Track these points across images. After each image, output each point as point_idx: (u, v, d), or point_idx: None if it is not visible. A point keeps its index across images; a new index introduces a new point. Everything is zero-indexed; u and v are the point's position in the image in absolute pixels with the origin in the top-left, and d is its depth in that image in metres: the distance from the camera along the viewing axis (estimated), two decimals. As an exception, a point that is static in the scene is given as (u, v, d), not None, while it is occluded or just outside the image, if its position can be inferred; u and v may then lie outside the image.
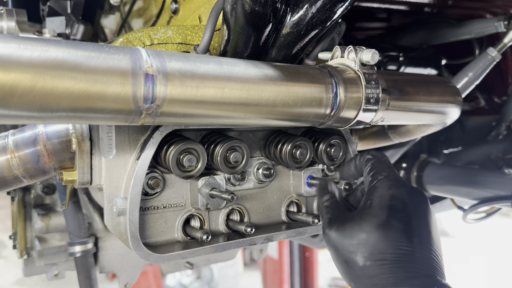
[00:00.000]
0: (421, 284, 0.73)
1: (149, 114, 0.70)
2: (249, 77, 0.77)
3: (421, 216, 0.84)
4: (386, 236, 0.79)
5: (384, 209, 0.83)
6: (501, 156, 1.70)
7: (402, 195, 0.85)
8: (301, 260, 4.09)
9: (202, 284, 5.23)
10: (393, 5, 1.49)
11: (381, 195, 0.85)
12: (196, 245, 0.94)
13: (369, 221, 0.82)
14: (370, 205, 0.85)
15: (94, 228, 1.52)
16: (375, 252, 0.78)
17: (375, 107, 0.90)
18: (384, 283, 0.75)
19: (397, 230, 0.79)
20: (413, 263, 0.76)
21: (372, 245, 0.79)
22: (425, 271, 0.76)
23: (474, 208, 1.49)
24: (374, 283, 0.76)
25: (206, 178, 0.96)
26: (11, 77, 0.56)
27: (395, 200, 0.84)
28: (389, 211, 0.82)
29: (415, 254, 0.77)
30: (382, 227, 0.80)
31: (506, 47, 1.34)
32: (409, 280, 0.74)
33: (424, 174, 1.69)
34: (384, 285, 0.75)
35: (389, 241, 0.78)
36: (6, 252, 5.67)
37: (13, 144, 0.87)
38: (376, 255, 0.78)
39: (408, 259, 0.77)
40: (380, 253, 0.78)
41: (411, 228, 0.81)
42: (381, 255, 0.77)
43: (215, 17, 0.87)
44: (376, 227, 0.80)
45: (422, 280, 0.74)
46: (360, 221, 0.83)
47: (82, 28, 1.55)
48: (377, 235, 0.79)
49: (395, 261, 0.77)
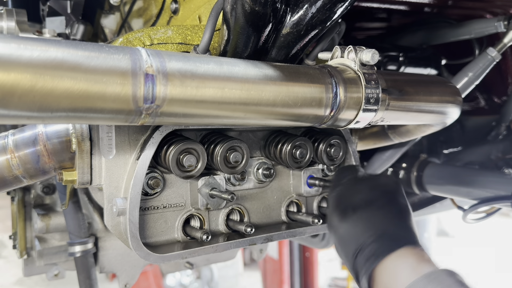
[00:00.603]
0: (416, 240, 0.87)
1: (149, 114, 0.70)
2: (249, 77, 0.77)
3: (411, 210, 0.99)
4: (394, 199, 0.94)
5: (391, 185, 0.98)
6: (501, 156, 1.69)
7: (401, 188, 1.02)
8: (301, 260, 4.09)
9: (202, 284, 5.23)
10: (393, 5, 1.49)
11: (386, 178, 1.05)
12: (196, 245, 0.94)
13: (381, 183, 0.97)
14: (379, 177, 1.04)
15: (94, 228, 1.52)
16: (384, 206, 0.92)
17: (375, 107, 0.90)
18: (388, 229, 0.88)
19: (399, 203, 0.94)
20: (409, 225, 0.90)
21: (383, 200, 0.92)
22: (415, 234, 0.89)
23: (474, 208, 1.49)
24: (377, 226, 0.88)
25: (206, 178, 0.96)
26: (11, 77, 0.56)
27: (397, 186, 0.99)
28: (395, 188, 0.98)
29: (409, 220, 0.91)
30: (391, 192, 0.96)
31: (506, 47, 1.34)
32: (407, 233, 0.88)
33: (424, 174, 1.69)
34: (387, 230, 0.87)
35: (395, 205, 0.93)
36: (6, 252, 5.68)
37: (13, 144, 0.87)
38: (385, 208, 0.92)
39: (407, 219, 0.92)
40: (387, 209, 0.92)
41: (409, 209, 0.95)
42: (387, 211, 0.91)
43: (215, 17, 0.87)
44: (386, 191, 0.96)
45: (415, 238, 0.87)
46: (373, 180, 1.00)
47: (82, 28, 1.55)
48: (387, 195, 0.94)
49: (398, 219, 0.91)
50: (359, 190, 0.95)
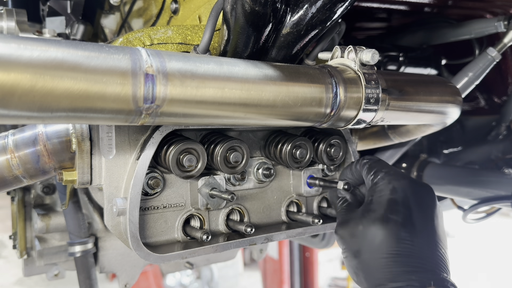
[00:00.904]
0: (418, 279, 0.73)
1: (149, 114, 0.70)
2: (249, 77, 0.77)
3: (424, 209, 0.83)
4: (384, 230, 0.79)
5: (382, 204, 0.83)
6: (501, 156, 1.69)
7: (403, 187, 0.84)
8: (301, 260, 4.09)
9: (202, 284, 5.24)
10: (393, 5, 1.49)
11: (381, 190, 0.86)
12: (196, 245, 0.94)
13: (368, 217, 0.82)
14: (370, 201, 0.86)
15: (94, 228, 1.52)
16: (373, 246, 0.78)
17: (375, 107, 0.90)
18: (381, 277, 0.75)
19: (395, 224, 0.79)
20: (411, 257, 0.76)
21: (370, 239, 0.79)
22: (425, 265, 0.76)
23: (474, 208, 1.49)
24: (372, 277, 0.77)
25: (206, 178, 0.96)
26: (11, 77, 0.56)
27: (395, 193, 0.84)
28: (387, 205, 0.82)
29: (414, 248, 0.77)
30: (379, 221, 0.80)
31: (506, 47, 1.34)
32: (406, 275, 0.74)
33: (424, 174, 1.69)
34: (381, 280, 0.75)
35: (387, 235, 0.78)
36: (6, 252, 5.68)
37: (13, 144, 0.87)
38: (374, 249, 0.78)
39: (407, 253, 0.76)
40: (377, 248, 0.78)
41: (411, 221, 0.80)
42: (378, 250, 0.78)
43: (215, 17, 0.87)
44: (373, 222, 0.81)
45: (419, 274, 0.74)
46: (361, 217, 0.84)
47: (82, 28, 1.55)
48: (374, 229, 0.80)
49: (392, 255, 0.76)
50: (353, 233, 0.84)
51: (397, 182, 0.86)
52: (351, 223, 0.85)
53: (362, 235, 0.81)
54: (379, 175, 0.90)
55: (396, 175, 0.88)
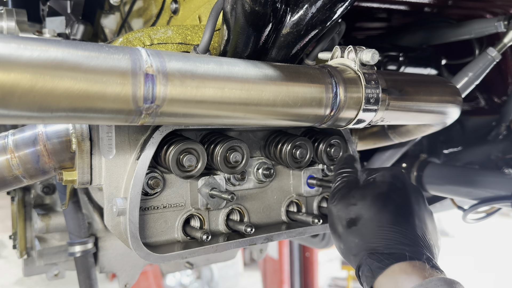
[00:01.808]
0: (411, 251, 0.80)
1: (149, 114, 0.70)
2: (249, 77, 0.77)
3: (419, 200, 0.92)
4: (385, 204, 0.87)
5: (385, 184, 0.91)
6: (501, 156, 1.69)
7: (402, 178, 0.93)
8: (301, 260, 4.09)
9: (202, 284, 5.24)
10: (393, 5, 1.49)
11: (383, 174, 0.94)
12: (196, 245, 0.94)
13: (371, 190, 0.89)
14: (373, 180, 0.93)
15: (94, 228, 1.52)
16: (372, 216, 0.86)
17: (375, 107, 0.90)
18: (376, 244, 0.83)
19: (395, 202, 0.87)
20: (405, 234, 0.83)
21: (370, 209, 0.86)
22: (417, 242, 0.82)
23: (474, 208, 1.49)
24: (366, 242, 0.84)
25: (206, 178, 0.96)
26: (11, 77, 0.56)
27: (395, 179, 0.92)
28: (389, 186, 0.90)
29: (409, 225, 0.85)
30: (382, 196, 0.88)
31: (506, 47, 1.34)
32: (399, 245, 0.81)
33: (424, 174, 1.69)
34: (375, 246, 0.82)
35: (387, 209, 0.86)
36: (6, 252, 5.68)
37: (13, 144, 0.87)
38: (373, 219, 0.85)
39: (402, 230, 0.84)
40: (377, 218, 0.85)
41: (409, 203, 0.88)
42: (377, 220, 0.85)
43: (215, 17, 0.87)
44: (377, 195, 0.88)
45: (412, 248, 0.81)
46: (363, 189, 0.91)
47: (82, 28, 1.55)
48: (377, 202, 0.87)
49: (389, 228, 0.84)
50: (351, 201, 0.89)
51: (396, 170, 0.96)
52: (354, 193, 0.91)
53: (364, 205, 0.87)
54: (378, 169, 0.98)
55: (396, 168, 0.98)
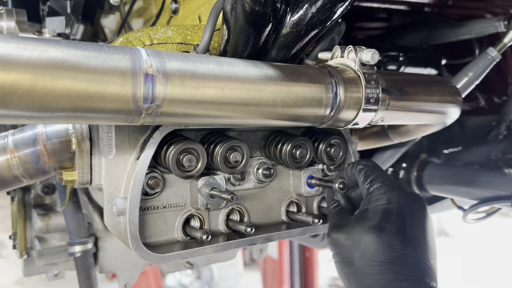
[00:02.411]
0: (409, 285, 0.75)
1: (149, 114, 0.70)
2: (249, 77, 0.77)
3: (417, 220, 0.86)
4: (378, 239, 0.81)
5: (378, 213, 0.85)
6: (501, 156, 1.70)
7: (397, 198, 0.87)
8: (301, 260, 4.08)
9: (202, 284, 5.23)
10: (393, 5, 1.49)
11: (377, 199, 0.88)
12: (196, 245, 0.94)
13: (363, 224, 0.85)
14: (366, 210, 0.88)
15: (94, 228, 1.51)
16: (367, 253, 0.80)
17: (375, 107, 0.90)
18: (374, 284, 0.77)
19: (390, 233, 0.81)
20: (403, 266, 0.78)
21: (364, 247, 0.81)
22: (415, 273, 0.78)
23: (474, 208, 1.49)
24: (364, 284, 0.79)
25: (206, 178, 0.96)
26: (11, 77, 0.56)
27: (390, 203, 0.86)
28: (383, 214, 0.84)
29: (406, 257, 0.79)
30: (374, 229, 0.82)
31: (506, 47, 1.34)
32: (398, 282, 0.76)
33: (424, 174, 1.69)
34: (375, 286, 0.77)
35: (381, 243, 0.80)
36: (6, 252, 5.68)
37: (13, 144, 0.87)
38: (368, 256, 0.80)
39: (399, 262, 0.78)
40: (371, 255, 0.80)
41: (404, 231, 0.82)
42: (372, 257, 0.80)
43: (215, 17, 0.87)
44: (369, 230, 0.83)
45: (410, 282, 0.76)
46: (356, 224, 0.86)
47: (82, 28, 1.55)
48: (369, 237, 0.82)
49: (385, 263, 0.78)
50: (346, 241, 0.85)
51: (392, 193, 0.88)
52: (346, 229, 0.87)
53: (356, 242, 0.83)
54: (374, 185, 0.92)
55: (391, 185, 0.91)
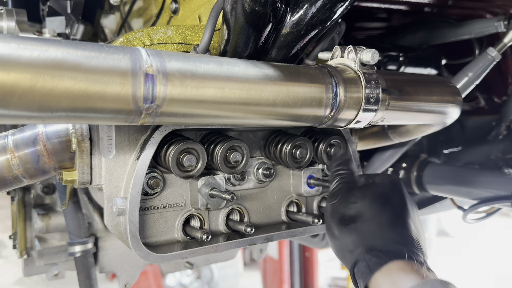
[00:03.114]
0: (408, 250, 0.83)
1: (149, 114, 0.70)
2: (249, 77, 0.77)
3: (414, 207, 0.96)
4: (385, 205, 0.90)
5: (385, 186, 0.95)
6: (501, 156, 1.69)
7: (399, 184, 0.97)
8: (301, 260, 4.09)
9: (202, 284, 5.23)
10: (393, 5, 1.49)
11: (382, 178, 0.97)
12: (196, 245, 0.94)
13: (371, 190, 0.92)
14: (373, 182, 0.96)
15: (94, 228, 1.52)
16: (372, 214, 0.88)
17: (375, 107, 0.90)
18: (378, 241, 0.85)
19: (394, 204, 0.92)
20: (403, 235, 0.87)
21: (370, 208, 0.89)
22: (415, 244, 0.86)
23: (474, 208, 1.49)
24: (364, 238, 0.86)
25: (206, 178, 0.96)
26: (11, 77, 0.56)
27: (393, 184, 0.97)
28: (389, 188, 0.95)
29: (407, 226, 0.88)
30: (382, 197, 0.91)
31: (506, 47, 1.34)
32: (397, 244, 0.84)
33: (424, 174, 1.69)
34: (373, 242, 0.85)
35: (386, 210, 0.89)
36: (6, 252, 5.68)
37: (13, 144, 0.87)
38: (372, 217, 0.88)
39: (400, 230, 0.87)
40: (376, 217, 0.88)
41: (407, 208, 0.92)
42: (377, 218, 0.88)
43: (215, 17, 0.87)
44: (378, 195, 0.91)
45: (408, 247, 0.84)
46: (364, 189, 0.93)
47: (82, 28, 1.55)
48: (377, 201, 0.90)
49: (391, 226, 0.87)
50: (351, 200, 0.92)
51: (395, 178, 1.00)
52: (352, 193, 0.93)
53: (365, 203, 0.90)
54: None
55: (394, 174, 1.02)
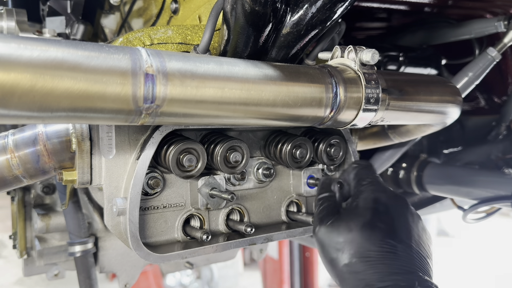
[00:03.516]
0: (403, 279, 0.78)
1: (149, 114, 0.70)
2: (249, 77, 0.77)
3: (403, 219, 0.89)
4: (371, 236, 0.84)
5: (368, 211, 0.88)
6: (501, 156, 1.69)
7: (384, 199, 0.91)
8: (301, 260, 4.08)
9: (202, 284, 5.23)
10: (393, 5, 1.49)
11: (366, 198, 0.91)
12: (196, 245, 0.94)
13: (356, 221, 0.87)
14: (356, 206, 0.90)
15: (94, 228, 1.52)
16: (361, 250, 0.83)
17: (375, 107, 0.90)
18: (368, 278, 0.80)
19: (381, 231, 0.85)
20: (395, 260, 0.81)
21: (358, 243, 0.84)
22: (408, 268, 0.80)
23: (474, 208, 1.49)
24: (359, 279, 0.81)
25: (206, 178, 0.96)
26: (11, 77, 0.56)
27: (378, 203, 0.90)
28: (373, 213, 0.88)
29: (397, 252, 0.82)
30: (367, 226, 0.85)
31: (506, 47, 1.34)
32: (392, 276, 0.78)
33: (424, 174, 1.69)
34: (369, 281, 0.80)
35: (374, 240, 0.83)
36: (6, 252, 5.68)
37: (13, 144, 0.87)
38: (362, 252, 0.82)
39: (391, 257, 0.82)
40: (365, 251, 0.82)
41: (394, 229, 0.86)
42: (366, 253, 0.82)
43: (215, 17, 0.87)
44: (362, 227, 0.85)
45: (404, 276, 0.79)
46: (347, 220, 0.88)
47: (82, 28, 1.55)
48: (362, 234, 0.84)
49: (379, 259, 0.81)
50: (337, 238, 0.86)
51: (378, 193, 0.92)
52: (335, 224, 0.88)
53: (350, 239, 0.84)
54: (363, 184, 0.95)
55: (378, 186, 0.94)
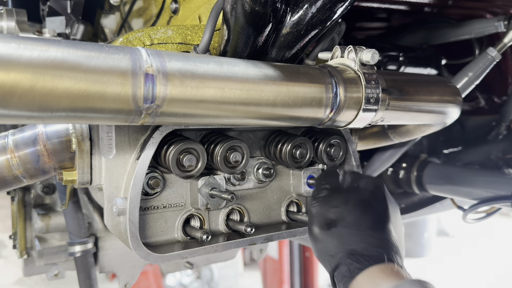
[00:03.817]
0: (387, 253, 0.85)
1: (149, 114, 0.70)
2: (249, 77, 0.77)
3: (394, 211, 0.98)
4: (366, 211, 0.91)
5: (368, 191, 0.97)
6: (501, 156, 1.69)
7: (383, 188, 1.00)
8: (301, 260, 4.08)
9: (202, 284, 5.23)
10: (393, 5, 1.49)
11: (367, 182, 0.99)
12: (196, 245, 0.94)
13: (355, 196, 0.94)
14: (357, 186, 0.98)
15: (94, 228, 1.52)
16: (355, 221, 0.90)
17: (375, 107, 0.90)
18: (357, 246, 0.87)
19: (375, 211, 0.93)
20: (382, 240, 0.88)
21: (355, 214, 0.91)
22: (391, 249, 0.88)
23: (474, 208, 1.49)
24: (349, 244, 0.87)
25: (206, 178, 0.96)
26: (11, 77, 0.56)
27: (377, 188, 0.99)
28: (372, 194, 0.96)
29: (389, 231, 0.91)
30: (364, 202, 0.93)
31: (506, 47, 1.34)
32: (378, 248, 0.86)
33: (424, 174, 1.69)
34: (358, 248, 0.86)
35: (368, 216, 0.91)
36: (6, 252, 5.68)
37: (13, 144, 0.87)
38: (356, 223, 0.90)
39: (379, 236, 0.90)
40: (359, 222, 0.90)
41: (387, 214, 0.94)
42: (360, 224, 0.89)
43: (215, 17, 0.87)
44: (360, 202, 0.93)
45: (388, 251, 0.86)
46: (346, 194, 0.95)
47: (82, 28, 1.55)
48: (360, 208, 0.92)
49: (369, 233, 0.89)
50: (334, 204, 0.93)
51: (379, 182, 1.01)
52: (334, 197, 0.95)
53: (346, 208, 0.91)
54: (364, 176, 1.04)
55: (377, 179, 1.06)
